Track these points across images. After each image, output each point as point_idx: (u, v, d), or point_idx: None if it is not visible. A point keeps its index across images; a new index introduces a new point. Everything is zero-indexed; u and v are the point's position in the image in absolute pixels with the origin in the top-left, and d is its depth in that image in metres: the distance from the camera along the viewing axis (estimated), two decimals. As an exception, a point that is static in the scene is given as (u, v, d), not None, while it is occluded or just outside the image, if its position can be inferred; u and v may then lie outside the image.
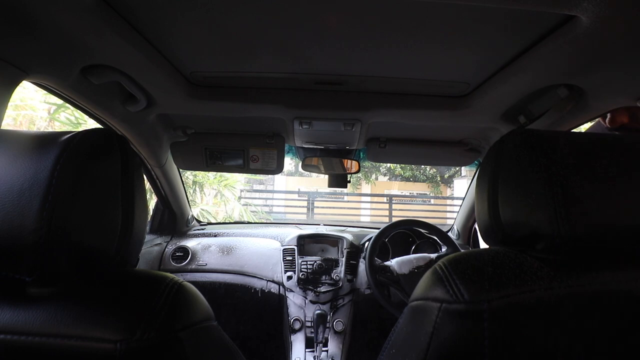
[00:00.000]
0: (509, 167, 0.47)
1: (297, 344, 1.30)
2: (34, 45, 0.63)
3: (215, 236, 1.62)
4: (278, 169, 1.30)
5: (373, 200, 10.92)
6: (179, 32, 0.67)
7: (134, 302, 0.39)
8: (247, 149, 1.25)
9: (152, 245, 1.47)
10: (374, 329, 1.52)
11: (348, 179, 1.45)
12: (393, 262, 1.33)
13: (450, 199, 10.19)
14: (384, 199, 10.17)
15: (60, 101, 0.83)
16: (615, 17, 0.52)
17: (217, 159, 1.28)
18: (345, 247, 1.49)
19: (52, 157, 0.38)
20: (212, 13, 0.60)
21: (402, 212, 9.14)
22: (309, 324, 1.33)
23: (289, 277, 1.41)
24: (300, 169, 1.82)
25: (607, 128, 0.89)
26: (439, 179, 11.47)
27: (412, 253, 1.44)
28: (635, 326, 0.38)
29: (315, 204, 8.92)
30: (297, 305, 1.37)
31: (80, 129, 0.51)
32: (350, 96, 0.94)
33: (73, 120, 2.44)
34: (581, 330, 0.38)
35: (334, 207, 9.43)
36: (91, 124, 0.96)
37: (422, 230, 1.51)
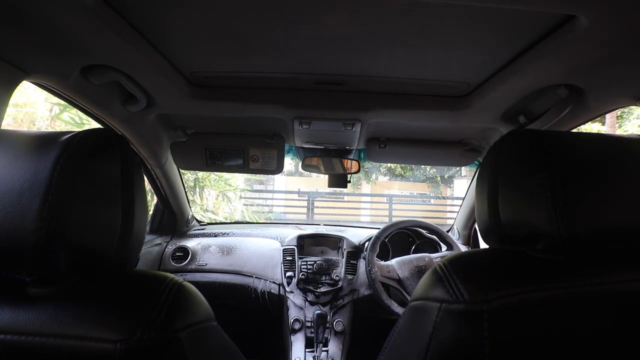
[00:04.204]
0: (509, 167, 0.47)
1: (297, 344, 1.30)
2: (34, 45, 0.63)
3: (215, 236, 1.62)
4: (278, 169, 1.30)
5: (373, 200, 10.92)
6: (179, 32, 0.67)
7: (134, 302, 0.39)
8: (247, 149, 1.25)
9: (152, 245, 1.47)
10: (374, 329, 1.52)
11: (348, 179, 1.45)
12: (393, 262, 1.33)
13: (450, 199, 10.19)
14: (384, 199, 10.18)
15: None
16: (615, 17, 0.52)
17: (217, 159, 1.28)
18: (345, 247, 1.49)
19: (52, 157, 0.38)
20: (212, 13, 0.60)
21: (402, 212, 9.14)
22: (309, 324, 1.33)
23: (289, 277, 1.41)
24: (300, 169, 1.82)
25: None
26: (439, 179, 11.47)
27: (412, 253, 1.44)
28: (636, 326, 0.38)
29: (315, 204, 8.92)
30: (297, 306, 1.37)
31: (86, 128, 0.51)
32: (351, 96, 0.94)
33: (77, 120, 2.41)
34: (581, 330, 0.38)
35: (334, 207, 9.42)
36: (95, 124, 0.96)
37: (422, 230, 1.51)
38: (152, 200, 1.93)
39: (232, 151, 1.26)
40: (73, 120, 2.40)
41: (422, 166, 10.24)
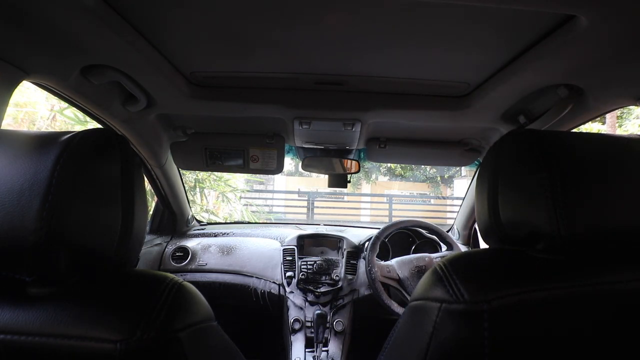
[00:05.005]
0: (509, 167, 0.47)
1: (297, 344, 1.30)
2: (34, 45, 0.63)
3: (215, 236, 1.62)
4: (278, 169, 1.30)
5: (373, 200, 10.92)
6: (179, 32, 0.67)
7: (134, 302, 0.39)
8: (247, 149, 1.25)
9: (152, 245, 1.47)
10: (374, 329, 1.51)
11: (348, 179, 1.45)
12: (393, 262, 1.33)
13: (450, 199, 10.20)
14: (384, 199, 10.18)
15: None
16: (615, 17, 0.52)
17: (217, 159, 1.28)
18: (345, 247, 1.49)
19: (52, 157, 0.38)
20: (212, 13, 0.60)
21: (402, 212, 9.14)
22: (309, 324, 1.33)
23: (289, 278, 1.41)
24: (300, 169, 1.82)
25: None
26: (439, 179, 11.47)
27: (412, 253, 1.44)
28: (636, 326, 0.38)
29: (315, 204, 8.92)
30: (297, 306, 1.37)
31: (89, 126, 0.52)
32: (351, 96, 0.94)
33: (80, 117, 2.38)
34: (581, 330, 0.38)
35: (334, 207, 9.43)
36: (96, 123, 0.96)
37: (422, 230, 1.51)
38: (152, 200, 1.93)
39: (232, 151, 1.26)
40: (77, 117, 2.39)
41: (422, 166, 10.25)
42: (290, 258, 1.46)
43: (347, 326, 1.35)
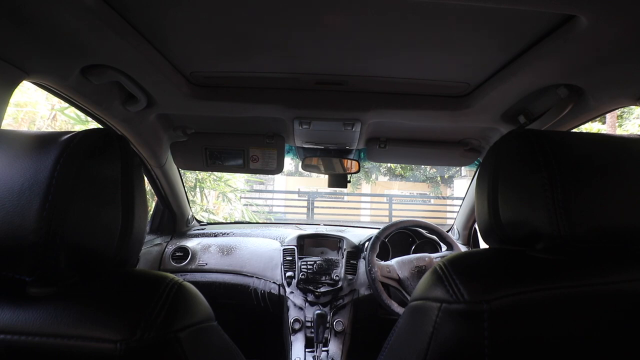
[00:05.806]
0: (509, 167, 0.47)
1: (297, 344, 1.30)
2: (34, 45, 0.63)
3: (215, 236, 1.62)
4: (278, 169, 1.30)
5: (373, 200, 10.92)
6: (179, 32, 0.67)
7: (134, 302, 0.39)
8: (247, 149, 1.25)
9: (152, 245, 1.47)
10: (374, 329, 1.51)
11: (348, 179, 1.45)
12: (393, 262, 1.33)
13: (450, 199, 10.20)
14: (384, 199, 10.18)
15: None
16: (615, 17, 0.52)
17: (217, 159, 1.28)
18: (345, 247, 1.49)
19: (52, 157, 0.38)
20: (212, 13, 0.60)
21: (402, 212, 9.14)
22: (308, 324, 1.33)
23: (289, 278, 1.41)
24: (300, 169, 1.82)
25: None
26: (439, 179, 11.47)
27: (412, 253, 1.44)
28: (636, 326, 0.38)
29: (315, 204, 8.92)
30: (297, 306, 1.37)
31: (90, 126, 0.52)
32: (351, 96, 0.94)
33: (82, 117, 2.37)
34: (581, 330, 0.38)
35: (334, 207, 9.42)
36: (96, 123, 0.96)
37: (422, 230, 1.51)
38: (152, 200, 1.93)
39: (232, 151, 1.26)
40: (78, 117, 2.38)
41: (422, 166, 10.25)
42: (290, 258, 1.46)
43: (347, 326, 1.35)
